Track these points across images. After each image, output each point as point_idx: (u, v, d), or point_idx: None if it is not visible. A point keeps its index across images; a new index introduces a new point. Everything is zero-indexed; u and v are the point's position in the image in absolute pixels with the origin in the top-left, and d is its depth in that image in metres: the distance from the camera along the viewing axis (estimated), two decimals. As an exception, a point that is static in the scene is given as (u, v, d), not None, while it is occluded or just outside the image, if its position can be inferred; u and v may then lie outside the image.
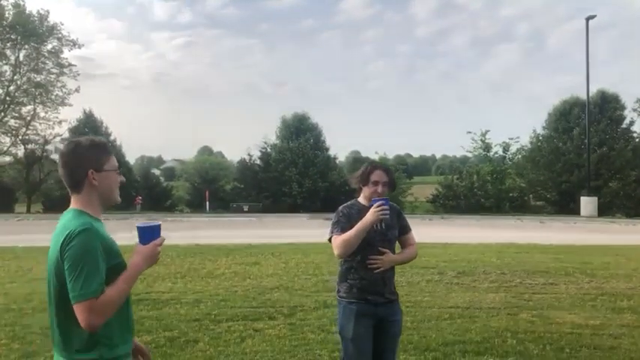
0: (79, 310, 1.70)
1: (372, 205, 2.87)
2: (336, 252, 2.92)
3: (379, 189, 2.98)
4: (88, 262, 1.72)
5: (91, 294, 1.70)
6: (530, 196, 31.05)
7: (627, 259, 10.36)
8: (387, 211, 2.86)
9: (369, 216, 2.84)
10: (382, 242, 2.98)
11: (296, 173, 29.86)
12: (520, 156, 31.26)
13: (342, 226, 2.93)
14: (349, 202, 3.10)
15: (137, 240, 1.92)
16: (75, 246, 1.73)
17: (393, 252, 3.07)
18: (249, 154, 32.49)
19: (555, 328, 5.43)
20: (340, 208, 3.07)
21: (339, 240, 2.89)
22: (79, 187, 1.88)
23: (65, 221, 1.83)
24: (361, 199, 3.07)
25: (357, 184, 3.08)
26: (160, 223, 1.99)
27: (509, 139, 30.62)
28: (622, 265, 9.53)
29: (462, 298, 6.81)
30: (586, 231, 17.19)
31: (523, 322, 5.67)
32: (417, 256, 3.39)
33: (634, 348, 4.81)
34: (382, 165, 3.12)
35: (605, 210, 26.01)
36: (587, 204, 25.31)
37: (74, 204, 1.89)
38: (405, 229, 3.15)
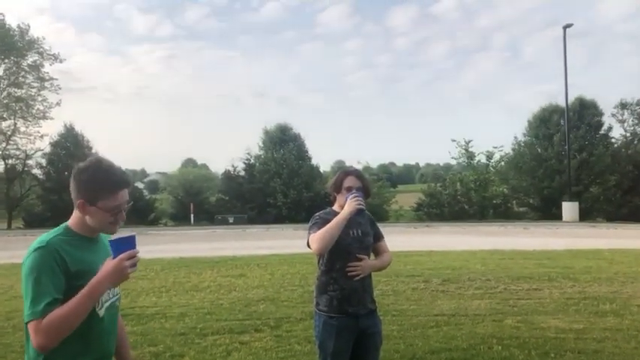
0: (29, 330, 1.63)
1: (347, 199, 2.86)
2: (314, 246, 2.80)
3: (355, 195, 2.92)
4: (37, 281, 1.63)
5: (36, 314, 1.61)
6: (514, 202, 31.39)
7: (609, 262, 10.50)
8: (362, 201, 2.83)
9: (347, 207, 2.81)
10: (359, 249, 2.94)
11: (280, 184, 29.85)
12: (503, 163, 31.65)
13: (319, 227, 2.86)
14: (325, 210, 3.07)
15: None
16: (26, 264, 1.67)
17: (368, 253, 3.05)
18: (233, 166, 32.46)
19: (540, 333, 5.49)
20: (317, 213, 3.04)
21: (316, 235, 2.80)
22: (74, 208, 1.83)
23: (41, 236, 1.78)
24: (336, 208, 3.02)
25: (332, 193, 3.06)
26: (135, 234, 1.81)
27: (493, 147, 31.03)
28: (604, 269, 9.67)
29: (447, 305, 6.85)
30: (568, 236, 17.41)
31: (508, 328, 5.71)
32: (403, 265, 3.42)
33: (617, 351, 4.87)
34: (355, 171, 3.08)
35: (586, 214, 26.41)
36: (569, 209, 25.67)
37: (70, 219, 1.86)
38: (378, 237, 3.11)
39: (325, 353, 2.90)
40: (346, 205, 2.82)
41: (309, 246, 2.92)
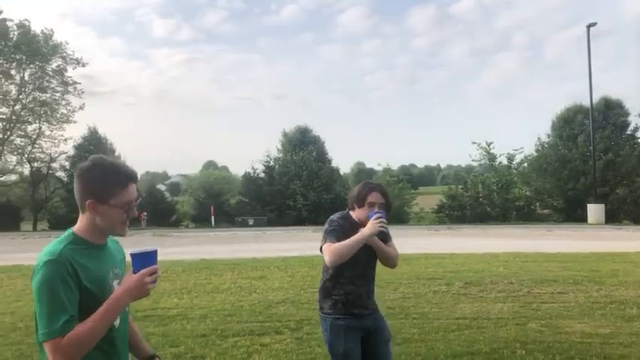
0: (46, 349, 1.57)
1: (370, 218, 2.86)
2: (327, 259, 2.82)
3: (375, 210, 2.95)
4: (53, 296, 1.56)
5: (55, 333, 1.55)
6: (537, 204, 30.90)
7: (635, 266, 10.27)
8: (385, 223, 2.86)
9: (369, 228, 2.81)
10: (366, 256, 2.97)
11: (300, 186, 29.87)
12: (526, 164, 31.18)
13: (337, 235, 2.87)
14: (342, 214, 3.06)
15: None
16: (37, 280, 1.59)
17: (375, 261, 3.07)
18: (252, 168, 32.56)
19: (564, 338, 5.38)
20: (335, 217, 3.02)
21: (333, 247, 2.80)
22: (82, 210, 1.75)
23: (48, 245, 1.70)
24: (354, 215, 3.03)
25: (352, 204, 3.03)
26: (157, 249, 1.78)
27: (514, 150, 30.57)
28: (631, 272, 9.45)
29: (469, 308, 6.77)
30: (593, 238, 17.07)
31: (532, 332, 5.62)
32: (424, 267, 3.42)
33: (645, 356, 4.75)
34: (379, 186, 3.07)
35: (612, 217, 25.86)
36: (594, 211, 25.16)
37: (76, 225, 1.77)
38: (386, 238, 3.10)
39: (336, 355, 2.93)
40: (369, 225, 2.83)
41: (321, 250, 2.94)
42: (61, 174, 32.05)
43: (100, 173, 1.72)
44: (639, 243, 14.41)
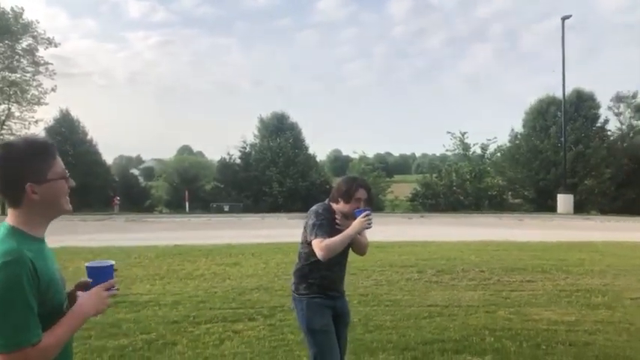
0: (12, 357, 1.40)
1: (357, 215, 3.02)
2: (320, 254, 2.97)
3: (361, 206, 3.10)
4: (19, 302, 1.41)
5: (24, 342, 1.41)
6: (509, 194, 31.44)
7: (602, 255, 10.56)
8: (372, 221, 3.02)
9: (357, 225, 2.99)
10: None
11: (276, 172, 29.78)
12: (499, 154, 31.64)
13: (326, 230, 3.02)
14: (324, 206, 3.19)
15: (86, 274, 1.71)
16: None
17: (349, 249, 3.20)
18: (228, 154, 32.32)
19: (532, 325, 5.52)
20: (320, 210, 3.14)
21: (326, 243, 2.96)
22: (15, 202, 1.54)
23: None
24: (336, 208, 3.16)
25: (337, 198, 3.14)
26: (113, 263, 1.73)
27: (487, 140, 31.02)
28: (596, 261, 9.72)
29: (441, 296, 6.87)
30: (562, 228, 17.48)
31: (501, 320, 5.74)
32: (397, 255, 3.53)
33: (608, 344, 4.91)
34: (365, 183, 3.23)
35: (580, 207, 26.48)
36: (564, 201, 25.74)
37: (9, 219, 1.56)
38: None
39: (315, 331, 3.08)
40: (358, 222, 3.00)
41: (307, 242, 3.08)
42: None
43: (24, 152, 1.54)
44: (605, 233, 14.83)
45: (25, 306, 1.42)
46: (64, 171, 1.63)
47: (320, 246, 2.96)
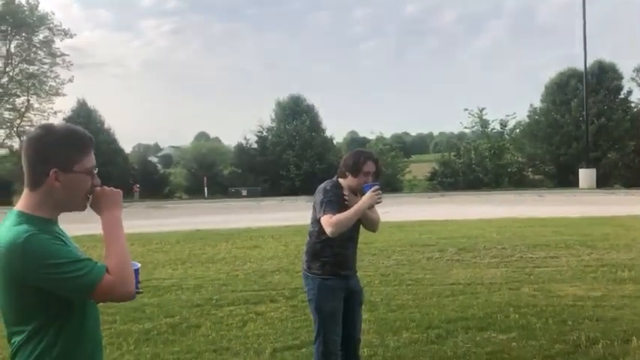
0: (105, 288, 1.44)
1: (366, 189, 2.97)
2: (330, 230, 2.94)
3: (369, 179, 3.06)
4: (64, 254, 1.42)
5: (101, 268, 1.46)
6: (529, 170, 31.02)
7: (626, 229, 10.36)
8: (381, 195, 2.97)
9: (367, 200, 2.95)
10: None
11: (293, 156, 29.74)
12: (518, 130, 31.15)
13: (334, 206, 2.97)
14: (332, 182, 3.15)
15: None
16: (31, 256, 1.39)
17: (359, 225, 3.18)
18: (245, 138, 32.36)
19: (557, 301, 5.43)
20: (328, 187, 3.11)
21: (335, 219, 2.92)
22: (35, 184, 1.52)
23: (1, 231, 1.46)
24: (344, 183, 3.12)
25: (345, 172, 3.10)
26: (139, 266, 1.74)
27: (506, 115, 30.57)
28: (621, 235, 9.54)
29: (463, 274, 6.81)
30: (585, 203, 17.19)
31: (525, 297, 5.67)
32: (418, 234, 3.47)
33: (636, 318, 4.80)
34: (373, 155, 3.17)
35: (603, 181, 26.02)
36: (586, 176, 25.31)
37: (20, 203, 1.54)
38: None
39: (323, 314, 3.10)
40: (368, 197, 2.95)
41: (317, 220, 3.06)
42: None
43: (60, 138, 1.54)
44: (630, 207, 14.54)
45: (71, 254, 1.45)
46: (93, 168, 1.60)
47: (329, 222, 2.92)
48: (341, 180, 3.12)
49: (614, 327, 4.59)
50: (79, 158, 1.55)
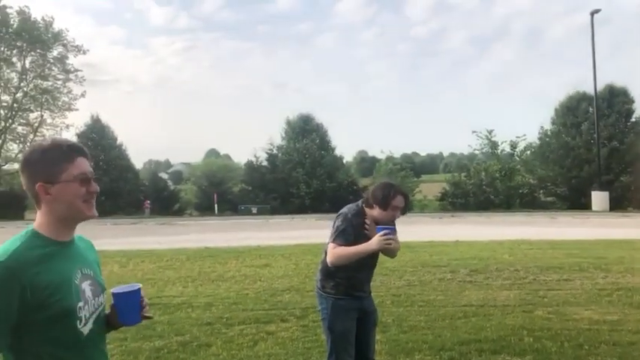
0: None
1: (378, 231, 2.86)
2: (330, 260, 2.95)
3: (398, 214, 3.00)
4: None
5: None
6: (541, 192, 30.78)
7: (642, 253, 10.21)
8: (392, 241, 2.85)
9: (375, 244, 2.85)
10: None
11: (303, 174, 29.79)
12: (528, 152, 31.04)
13: (347, 237, 2.93)
14: (355, 209, 3.07)
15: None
16: None
17: (378, 253, 3.09)
18: (255, 156, 32.47)
19: (572, 325, 5.34)
20: (349, 214, 3.04)
21: (337, 252, 2.91)
22: (38, 203, 1.55)
23: (4, 243, 1.50)
24: (369, 214, 3.03)
25: (373, 203, 3.01)
26: (140, 286, 1.67)
27: (517, 137, 30.47)
28: (637, 259, 9.39)
29: (475, 296, 6.73)
30: (598, 225, 17.00)
31: (539, 320, 5.58)
32: (429, 255, 3.43)
33: (654, 344, 4.71)
34: (403, 190, 3.08)
35: (616, 204, 25.74)
36: (599, 198, 25.06)
37: (36, 221, 1.57)
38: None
39: (335, 334, 3.09)
40: (376, 240, 2.84)
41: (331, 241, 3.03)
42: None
43: (42, 152, 1.55)
44: (644, 230, 14.34)
45: None
46: (83, 174, 1.57)
47: (332, 252, 2.92)
48: (367, 209, 3.05)
49: (631, 352, 4.51)
50: (64, 167, 1.54)
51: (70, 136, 31.53)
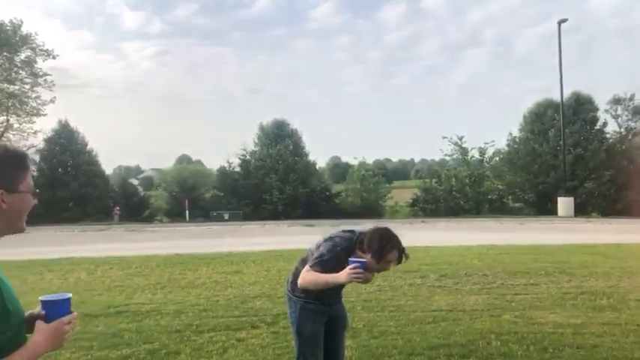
0: None
1: (349, 263, 2.78)
2: (300, 282, 2.96)
3: (389, 267, 2.94)
4: None
5: None
6: (509, 197, 31.41)
7: (604, 257, 10.52)
8: (361, 277, 2.77)
9: (344, 277, 2.77)
10: None
11: (276, 180, 29.70)
12: (497, 158, 31.67)
13: (325, 267, 2.87)
14: (347, 245, 2.96)
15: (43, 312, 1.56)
16: None
17: None
18: (228, 162, 32.22)
19: (538, 328, 5.47)
20: (339, 247, 2.94)
21: (310, 276, 2.90)
22: None
23: None
24: (360, 254, 2.91)
25: (367, 250, 2.89)
26: (70, 296, 1.60)
27: (485, 143, 31.15)
28: (599, 263, 9.67)
29: (445, 301, 6.83)
30: (563, 231, 17.44)
31: (506, 323, 5.69)
32: None
33: (616, 346, 4.86)
34: (399, 244, 2.93)
35: (581, 210, 26.44)
36: (564, 204, 25.72)
37: None
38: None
39: (303, 338, 3.12)
40: (345, 274, 2.76)
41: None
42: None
43: (5, 159, 1.49)
44: (606, 235, 14.79)
45: None
46: (33, 187, 1.55)
47: (304, 275, 2.92)
48: (359, 252, 2.92)
49: (594, 354, 4.63)
50: (22, 177, 1.50)
51: (37, 142, 30.80)
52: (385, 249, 2.85)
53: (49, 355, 4.66)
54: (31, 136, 31.13)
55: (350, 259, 2.80)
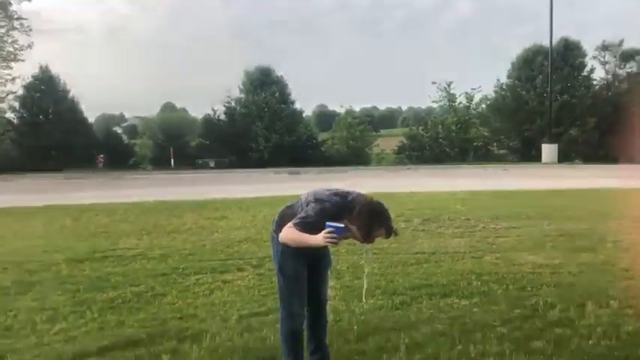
0: None
1: (326, 227, 2.77)
2: (281, 237, 2.95)
3: (373, 241, 2.90)
4: None
5: None
6: (494, 144, 31.59)
7: (583, 201, 10.74)
8: (335, 241, 2.77)
9: (319, 239, 2.77)
10: None
11: (262, 128, 29.45)
12: (484, 105, 31.59)
13: (306, 229, 2.85)
14: (336, 212, 2.90)
15: None
16: None
17: None
18: (213, 109, 31.79)
19: (517, 269, 5.61)
20: (330, 209, 2.90)
21: (290, 234, 2.88)
22: None
23: None
24: (346, 223, 2.87)
25: (355, 224, 2.85)
26: None
27: (472, 89, 30.98)
28: (578, 207, 9.87)
29: (427, 244, 6.94)
30: (547, 177, 17.69)
31: (487, 265, 5.82)
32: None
33: (591, 284, 5.01)
34: (390, 224, 2.88)
35: (564, 156, 26.74)
36: (548, 151, 25.99)
37: None
38: None
39: (285, 276, 3.14)
40: (321, 236, 2.76)
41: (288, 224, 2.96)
42: (10, 115, 30.53)
43: None
44: (587, 180, 15.01)
45: None
46: None
47: (286, 231, 2.90)
48: (347, 222, 2.87)
49: (570, 292, 4.77)
50: None
51: (15, 88, 29.93)
52: (372, 227, 2.83)
53: (34, 299, 4.66)
54: (9, 83, 30.29)
55: (327, 222, 2.79)
